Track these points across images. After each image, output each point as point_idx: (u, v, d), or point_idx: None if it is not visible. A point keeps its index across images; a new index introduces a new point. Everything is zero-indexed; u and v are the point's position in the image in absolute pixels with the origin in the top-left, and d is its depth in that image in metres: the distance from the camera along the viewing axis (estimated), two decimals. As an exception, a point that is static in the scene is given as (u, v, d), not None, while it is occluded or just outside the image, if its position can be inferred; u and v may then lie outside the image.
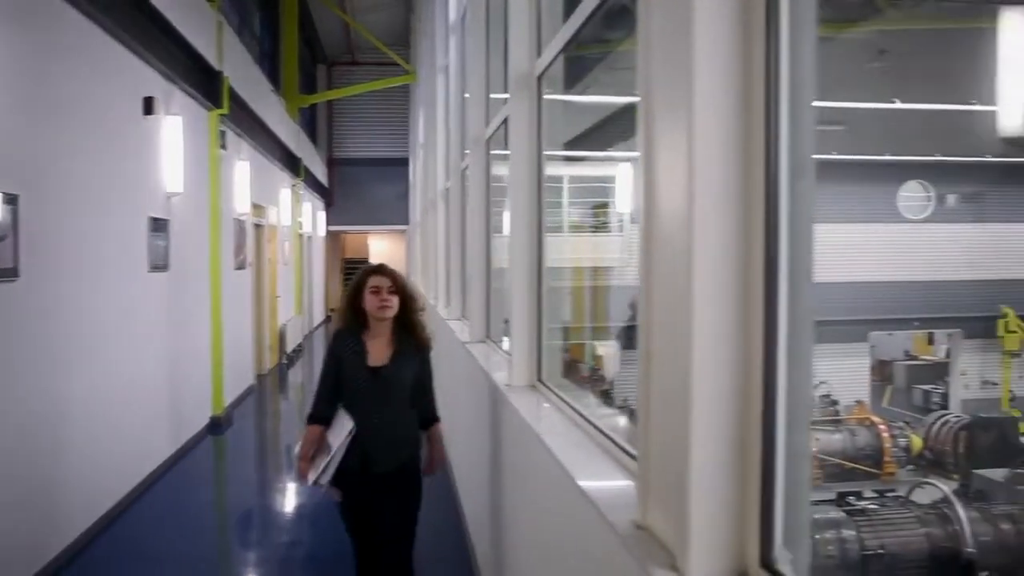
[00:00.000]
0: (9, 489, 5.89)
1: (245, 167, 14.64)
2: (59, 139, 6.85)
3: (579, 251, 15.38)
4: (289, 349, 20.55)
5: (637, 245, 2.17)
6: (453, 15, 10.44)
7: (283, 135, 19.59)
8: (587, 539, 2.52)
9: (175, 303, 10.37)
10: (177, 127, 10.16)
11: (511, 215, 4.57)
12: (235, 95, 12.94)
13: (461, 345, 6.91)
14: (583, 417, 3.39)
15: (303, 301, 24.75)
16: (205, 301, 11.80)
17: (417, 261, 22.82)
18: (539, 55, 4.44)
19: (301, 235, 24.14)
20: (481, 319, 6.91)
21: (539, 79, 4.48)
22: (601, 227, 17.95)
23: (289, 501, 9.26)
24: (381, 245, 36.71)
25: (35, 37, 6.42)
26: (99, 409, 7.66)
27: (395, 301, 4.45)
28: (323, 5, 24.63)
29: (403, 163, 30.11)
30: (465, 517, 7.07)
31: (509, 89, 4.76)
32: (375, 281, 4.44)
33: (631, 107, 2.68)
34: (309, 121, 29.82)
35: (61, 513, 6.80)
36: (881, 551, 11.11)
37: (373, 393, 4.43)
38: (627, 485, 2.43)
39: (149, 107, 9.13)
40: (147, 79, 9.37)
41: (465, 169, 8.09)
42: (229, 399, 12.83)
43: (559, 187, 12.68)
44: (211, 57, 11.74)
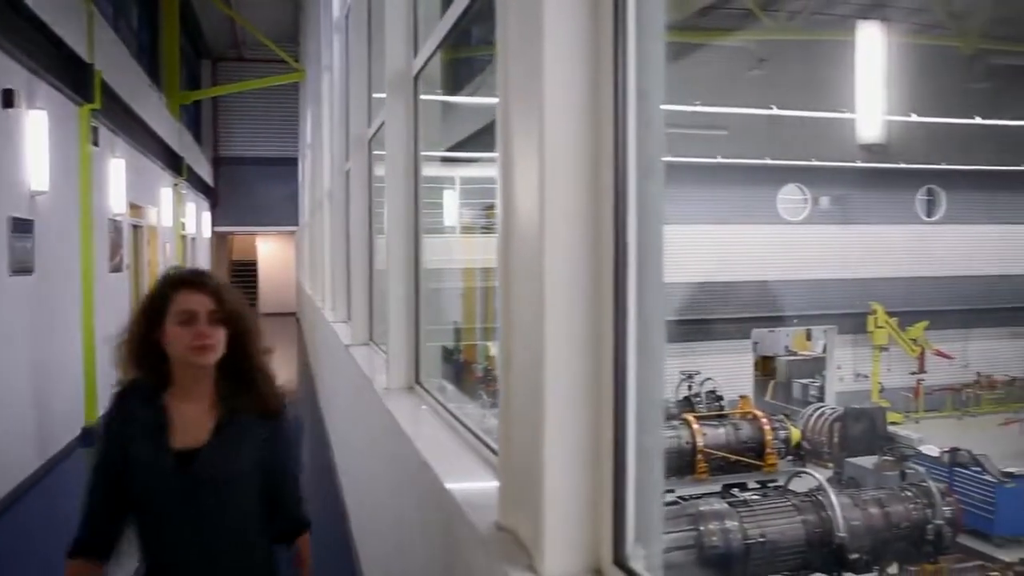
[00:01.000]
0: None
1: (120, 165, 14.00)
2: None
3: (471, 252, 15.38)
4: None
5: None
6: (337, 12, 10.29)
7: (163, 132, 18.85)
8: (452, 541, 2.51)
9: (41, 307, 9.82)
10: (42, 122, 9.61)
11: (387, 216, 4.52)
12: (108, 89, 12.36)
13: (344, 348, 6.81)
14: (457, 419, 3.39)
15: (187, 305, 23.80)
16: (76, 305, 11.22)
17: (306, 263, 22.38)
18: (415, 54, 4.40)
19: (184, 236, 23.29)
20: (364, 321, 6.82)
21: (416, 79, 4.44)
22: (491, 228, 18.06)
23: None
24: (270, 247, 35.81)
25: None
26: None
27: (220, 336, 2.49)
28: (207, -1, 23.86)
29: (293, 163, 29.46)
30: (351, 522, 6.96)
31: (386, 89, 4.71)
32: (185, 301, 2.47)
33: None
34: (193, 119, 28.81)
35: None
36: (762, 539, 11.60)
37: (182, 498, 2.47)
38: (494, 486, 2.42)
39: (8, 100, 8.61)
40: (7, 70, 8.83)
41: (349, 170, 7.98)
42: (104, 408, 12.23)
43: (451, 188, 12.67)
44: (81, 49, 11.17)
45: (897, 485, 13.03)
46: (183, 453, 2.47)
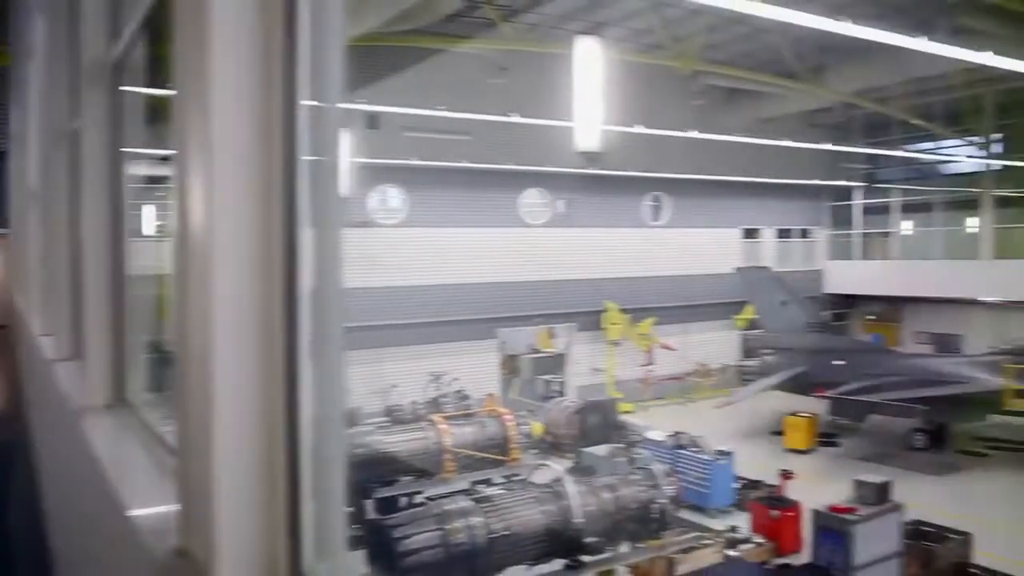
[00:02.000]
0: None
1: None
2: None
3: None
4: None
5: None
6: (38, -10, 9.26)
7: None
8: (132, 569, 2.33)
9: None
10: None
11: (84, 218, 4.12)
12: None
13: (48, 363, 6.14)
14: (160, 439, 3.15)
15: None
16: None
17: (18, 270, 20.04)
18: (116, 39, 4.02)
19: None
20: (71, 333, 6.19)
21: (117, 67, 4.07)
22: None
23: None
24: (-25, 250, 31.68)
25: None
26: None
27: None
28: None
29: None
30: (54, 555, 6.29)
31: (82, 78, 4.29)
32: None
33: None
34: None
35: None
36: (506, 532, 12.02)
37: None
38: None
39: None
40: None
41: (52, 166, 7.21)
42: None
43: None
44: None
45: (626, 470, 14.02)
46: None
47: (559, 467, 13.51)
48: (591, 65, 9.82)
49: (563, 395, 26.53)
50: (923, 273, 31.38)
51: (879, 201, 34.14)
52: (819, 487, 15.88)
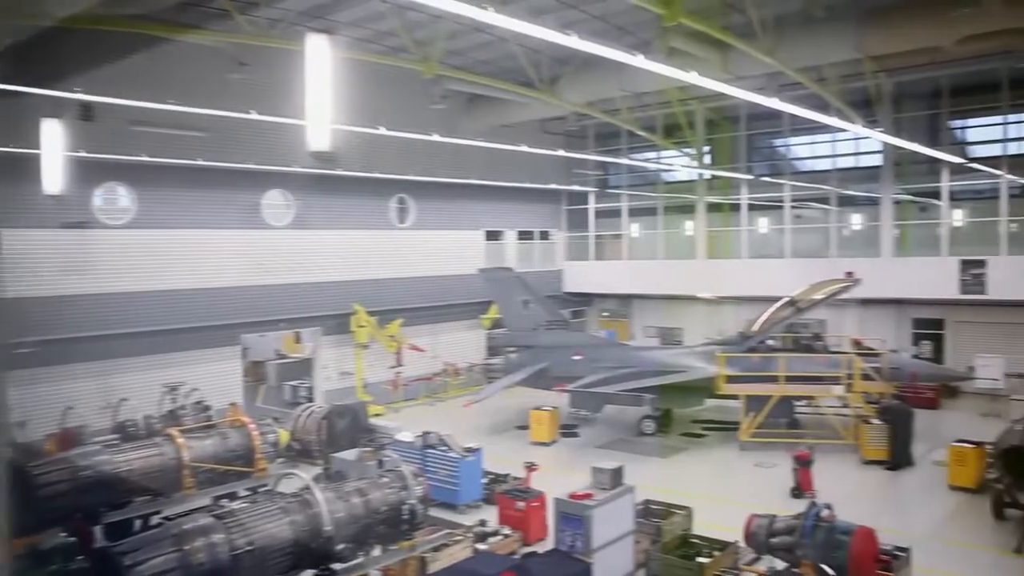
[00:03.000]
0: None
1: None
2: None
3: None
4: None
5: None
6: None
7: None
8: None
9: None
10: None
11: None
12: None
13: None
14: None
15: None
16: None
17: None
18: None
19: None
20: None
21: None
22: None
23: None
24: None
25: None
26: None
27: None
28: None
29: None
30: None
31: None
32: None
33: None
34: None
35: None
36: (250, 547, 11.46)
37: None
38: None
39: None
40: None
41: None
42: None
43: None
44: None
45: (376, 473, 13.95)
46: None
47: (305, 475, 13.11)
48: (321, 63, 9.65)
49: (311, 400, 25.98)
50: (649, 272, 34.23)
51: (610, 205, 36.71)
52: (561, 476, 16.79)
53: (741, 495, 16.95)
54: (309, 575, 12.23)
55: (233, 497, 15.79)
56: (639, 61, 14.05)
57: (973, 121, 29.50)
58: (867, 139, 28.65)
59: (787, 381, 21.23)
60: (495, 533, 14.46)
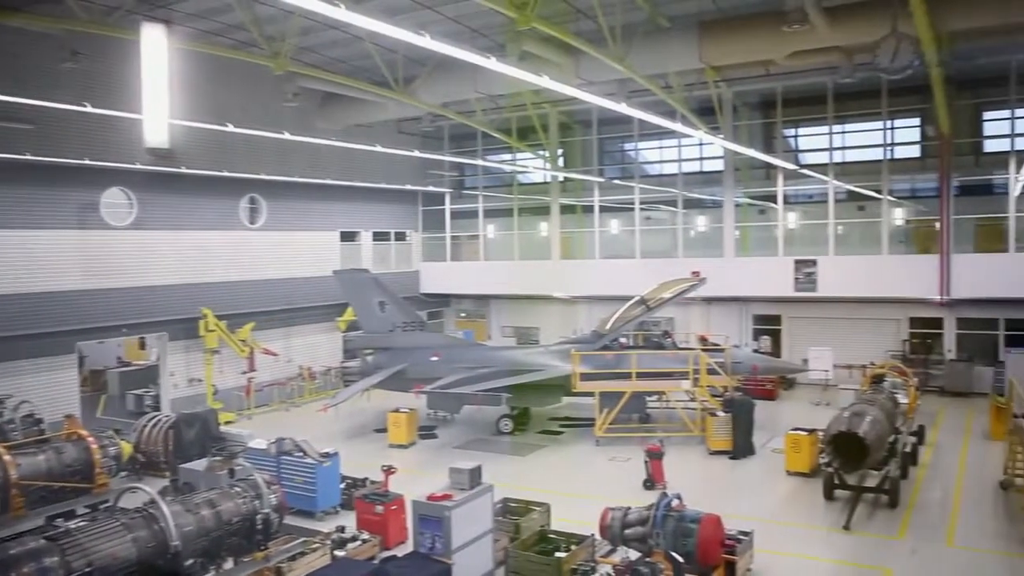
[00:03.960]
0: None
1: None
2: None
3: None
4: None
5: None
6: None
7: None
8: None
9: None
10: None
11: None
12: None
13: None
14: None
15: None
16: None
17: None
18: None
19: None
20: None
21: None
22: None
23: None
24: None
25: None
26: None
27: None
28: None
29: None
30: None
31: None
32: None
33: None
34: None
35: None
36: (88, 569, 10.74)
37: None
38: None
39: None
40: None
41: None
42: None
43: None
44: None
45: (227, 483, 13.42)
46: None
47: (150, 488, 12.45)
48: (159, 55, 9.21)
49: (157, 409, 24.74)
50: (505, 273, 34.63)
51: (467, 206, 36.91)
52: (420, 478, 16.72)
53: (597, 489, 17.41)
54: (156, 594, 11.62)
55: (70, 516, 14.83)
56: (492, 64, 14.21)
57: (803, 130, 31.68)
58: (710, 145, 30.15)
59: (639, 377, 22.00)
60: (354, 539, 14.24)
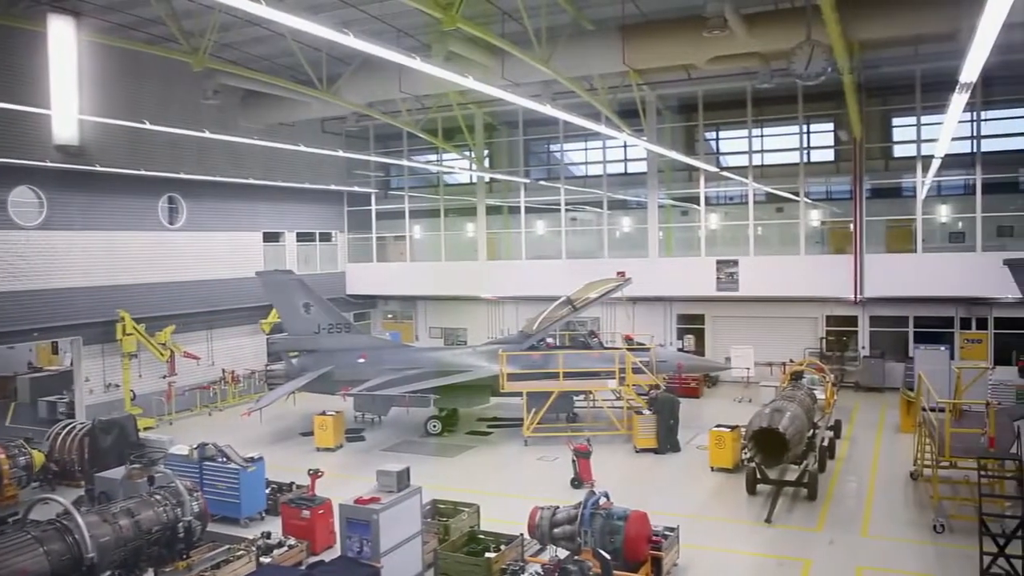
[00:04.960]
0: None
1: None
2: None
3: None
4: None
5: None
6: None
7: None
8: None
9: None
10: None
11: None
12: None
13: None
14: None
15: None
16: None
17: None
18: None
19: None
20: None
21: None
22: None
23: None
24: None
25: None
26: None
27: None
28: None
29: None
30: None
31: None
32: None
33: None
34: None
35: None
36: (-3, 586, 10.34)
37: None
38: None
39: None
40: None
41: None
42: None
43: None
44: None
45: (147, 491, 13.05)
46: None
47: (63, 499, 12.01)
48: (67, 48, 8.89)
49: (72, 416, 23.87)
50: (432, 273, 34.50)
51: (393, 207, 36.62)
52: (348, 482, 16.53)
53: (526, 489, 17.49)
54: (70, 607, 11.21)
55: (-25, 530, 14.20)
56: (417, 63, 14.15)
57: (724, 133, 32.43)
58: (634, 147, 30.61)
59: (566, 377, 22.18)
60: (280, 544, 13.99)
